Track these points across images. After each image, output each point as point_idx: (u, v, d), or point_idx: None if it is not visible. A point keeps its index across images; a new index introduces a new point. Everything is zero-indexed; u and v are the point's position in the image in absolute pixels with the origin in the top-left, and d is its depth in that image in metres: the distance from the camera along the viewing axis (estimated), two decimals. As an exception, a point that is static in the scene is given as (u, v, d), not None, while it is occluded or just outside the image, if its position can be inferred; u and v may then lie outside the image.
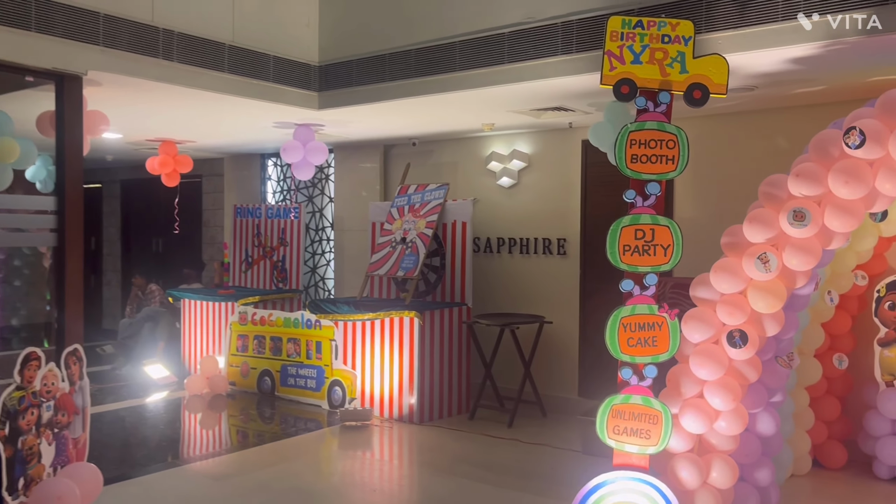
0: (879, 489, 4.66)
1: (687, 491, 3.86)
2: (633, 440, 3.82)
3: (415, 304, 6.50)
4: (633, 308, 3.84)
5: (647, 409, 3.79)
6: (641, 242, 3.83)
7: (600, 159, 6.44)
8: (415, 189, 7.10)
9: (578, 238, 6.54)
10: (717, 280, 3.80)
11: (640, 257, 3.83)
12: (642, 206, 3.85)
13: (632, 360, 3.83)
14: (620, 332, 3.83)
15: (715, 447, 3.95)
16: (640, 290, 3.84)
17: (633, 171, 3.85)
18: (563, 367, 6.60)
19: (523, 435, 5.88)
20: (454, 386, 6.53)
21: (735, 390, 3.82)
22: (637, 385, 3.83)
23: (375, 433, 5.99)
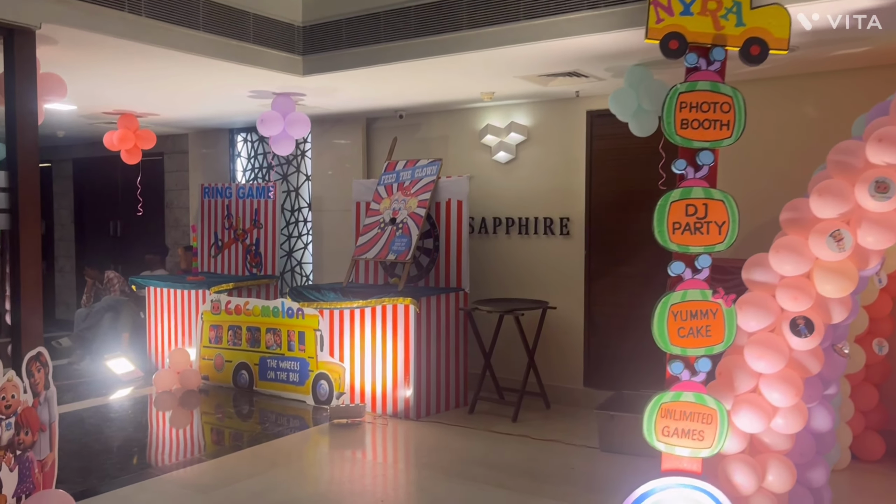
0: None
1: (741, 497, 3.45)
2: (684, 442, 3.39)
3: (408, 290, 5.99)
4: (684, 294, 3.39)
5: (700, 408, 3.37)
6: (693, 219, 3.38)
7: (607, 131, 6.01)
8: (404, 165, 6.56)
9: (583, 217, 6.09)
10: (778, 261, 3.38)
11: (692, 236, 3.38)
12: (694, 178, 3.39)
13: (683, 352, 3.39)
14: (670, 322, 3.38)
15: (769, 447, 3.55)
16: (691, 273, 3.39)
17: (683, 137, 3.39)
18: (568, 355, 6.17)
19: (530, 430, 5.44)
20: (451, 378, 6.05)
21: (797, 384, 3.42)
22: (689, 381, 3.39)
23: (369, 431, 5.48)
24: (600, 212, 6.02)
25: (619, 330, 5.97)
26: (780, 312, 3.43)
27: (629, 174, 5.88)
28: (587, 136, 6.05)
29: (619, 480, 4.38)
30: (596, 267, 6.06)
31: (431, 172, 6.32)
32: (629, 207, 5.88)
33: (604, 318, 6.04)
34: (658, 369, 5.80)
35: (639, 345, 5.85)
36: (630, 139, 5.78)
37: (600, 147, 6.00)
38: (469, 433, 5.38)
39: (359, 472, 4.69)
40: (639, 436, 4.83)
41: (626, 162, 5.88)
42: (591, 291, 6.09)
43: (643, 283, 5.84)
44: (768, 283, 3.46)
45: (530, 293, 6.28)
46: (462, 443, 5.16)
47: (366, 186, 6.83)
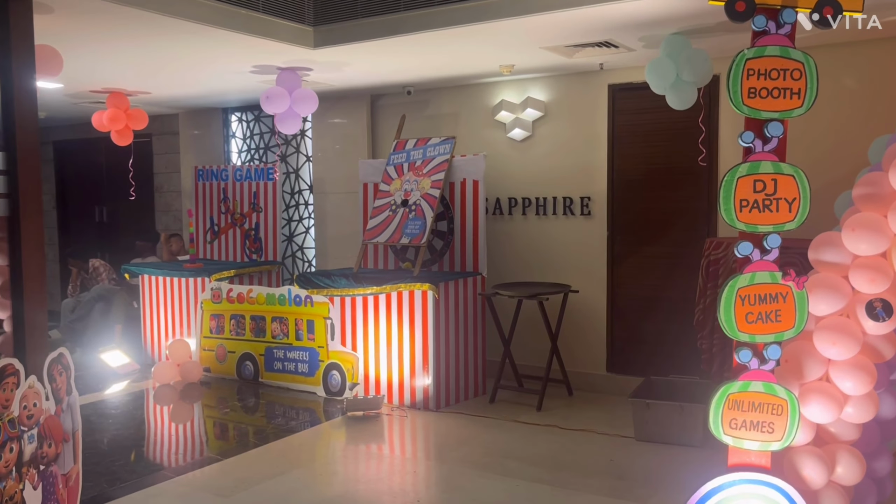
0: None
1: (810, 491, 3.25)
2: (753, 435, 3.17)
3: (424, 275, 5.71)
4: (752, 276, 3.15)
5: (770, 398, 3.14)
6: (762, 196, 3.13)
7: (630, 106, 5.75)
8: (414, 144, 6.25)
9: (605, 196, 5.84)
10: (853, 239, 3.15)
11: (760, 214, 3.13)
12: (762, 152, 3.14)
13: (751, 339, 3.16)
14: (737, 307, 3.14)
15: (836, 437, 3.35)
16: (759, 254, 3.15)
17: (750, 108, 3.13)
18: (590, 340, 5.95)
19: (556, 419, 5.22)
20: (470, 366, 5.80)
21: (870, 371, 3.20)
22: (758, 369, 3.16)
23: (388, 424, 5.22)
24: (623, 190, 5.78)
25: (643, 313, 5.75)
26: (853, 295, 3.21)
27: (654, 150, 5.63)
28: (609, 110, 5.78)
29: (665, 472, 4.18)
30: (619, 248, 5.83)
31: (445, 151, 6.02)
32: (654, 185, 5.64)
33: (628, 301, 5.82)
34: (685, 354, 5.62)
35: (665, 329, 5.64)
36: (655, 114, 5.56)
37: (623, 122, 5.74)
38: (494, 424, 5.14)
39: (386, 469, 4.43)
40: (675, 424, 4.66)
41: (651, 138, 5.63)
42: (614, 274, 5.85)
43: (669, 265, 5.62)
44: (840, 263, 3.23)
45: (550, 276, 6.04)
46: (489, 435, 4.92)
47: (373, 167, 6.52)
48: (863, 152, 3.94)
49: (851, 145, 4.73)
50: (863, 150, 3.96)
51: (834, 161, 4.86)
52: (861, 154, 3.96)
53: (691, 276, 5.49)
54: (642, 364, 5.72)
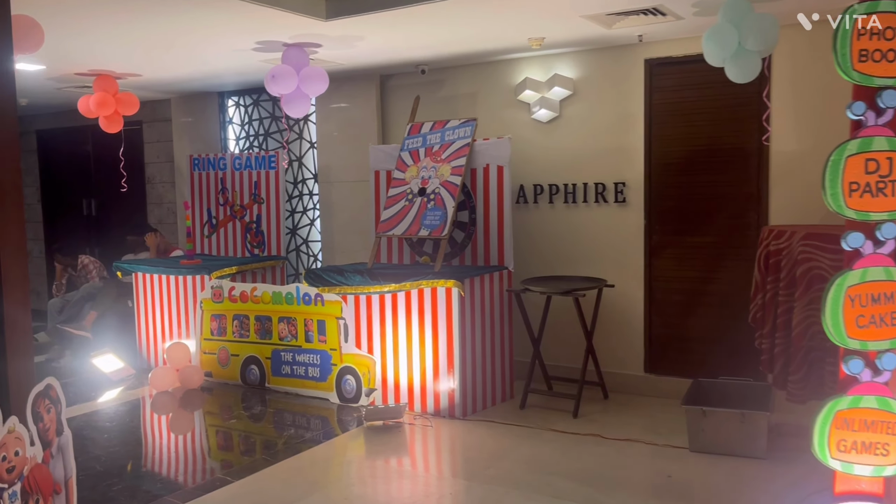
0: None
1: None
2: (865, 458, 2.72)
3: (446, 270, 5.23)
4: (864, 273, 2.69)
5: (885, 415, 2.69)
6: (874, 178, 2.67)
7: (669, 82, 5.26)
8: (431, 127, 5.75)
9: (642, 182, 5.36)
10: (984, 228, 2.69)
11: (874, 199, 2.67)
12: (875, 125, 2.67)
13: (862, 346, 2.70)
14: (846, 309, 2.68)
15: (949, 455, 2.91)
16: (872, 246, 2.69)
17: (861, 73, 2.66)
18: (626, 338, 5.49)
19: (597, 427, 4.76)
20: (497, 368, 5.33)
21: None
22: (871, 381, 2.71)
23: (411, 435, 4.75)
24: (662, 175, 5.30)
25: (685, 309, 5.29)
26: (978, 292, 2.75)
27: (695, 131, 5.15)
28: (646, 88, 5.29)
29: (733, 490, 3.74)
30: (658, 238, 5.35)
31: (465, 135, 5.52)
32: (696, 169, 5.17)
33: (667, 296, 5.36)
34: (733, 353, 5.17)
35: (709, 326, 5.20)
36: (697, 90, 5.10)
37: (661, 100, 5.26)
38: (529, 434, 4.68)
39: (421, 490, 3.95)
40: (736, 433, 4.21)
41: (692, 117, 5.15)
42: (651, 266, 5.38)
43: (713, 256, 5.16)
44: (962, 255, 2.77)
45: (581, 270, 5.57)
46: (526, 447, 4.45)
47: (385, 153, 6.01)
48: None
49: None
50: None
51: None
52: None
53: (738, 268, 5.06)
54: (684, 364, 5.28)
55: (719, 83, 4.99)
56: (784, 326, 4.24)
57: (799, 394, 4.18)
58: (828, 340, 4.06)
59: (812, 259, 4.10)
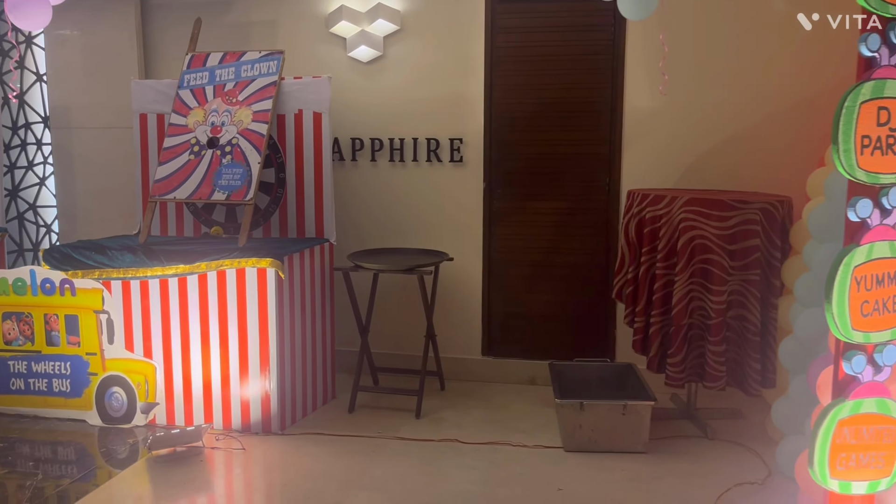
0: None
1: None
2: (862, 474, 2.24)
3: (253, 244, 4.07)
4: (871, 249, 2.18)
5: (883, 420, 2.23)
6: (885, 131, 2.15)
7: (515, 23, 4.53)
8: (220, 59, 4.45)
9: (482, 138, 4.61)
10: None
11: (884, 157, 2.15)
12: (889, 66, 2.15)
13: (865, 339, 2.20)
14: (852, 294, 2.16)
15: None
16: (879, 216, 2.19)
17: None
18: (463, 318, 4.77)
19: (447, 428, 4.00)
20: (318, 364, 4.31)
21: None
22: (872, 381, 2.23)
23: (217, 466, 3.59)
24: (504, 131, 4.60)
25: (528, 283, 4.69)
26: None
27: (544, 81, 4.52)
28: (487, 28, 4.53)
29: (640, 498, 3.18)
30: (499, 204, 4.67)
31: (270, 70, 4.33)
32: (545, 125, 4.55)
33: (509, 269, 4.71)
34: (581, 330, 4.69)
35: (554, 301, 4.67)
36: (546, 34, 4.47)
37: (505, 43, 4.53)
38: (373, 448, 3.76)
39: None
40: (618, 428, 3.68)
41: (542, 64, 4.51)
42: (492, 235, 4.70)
43: (562, 224, 4.61)
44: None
45: (410, 241, 4.71)
46: (378, 469, 3.53)
47: (156, 90, 4.58)
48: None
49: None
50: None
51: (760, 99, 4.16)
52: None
53: (587, 236, 4.57)
54: (527, 345, 4.71)
55: (570, 27, 4.46)
56: (662, 303, 3.81)
57: (678, 377, 3.79)
58: (710, 317, 3.69)
59: (696, 227, 3.69)
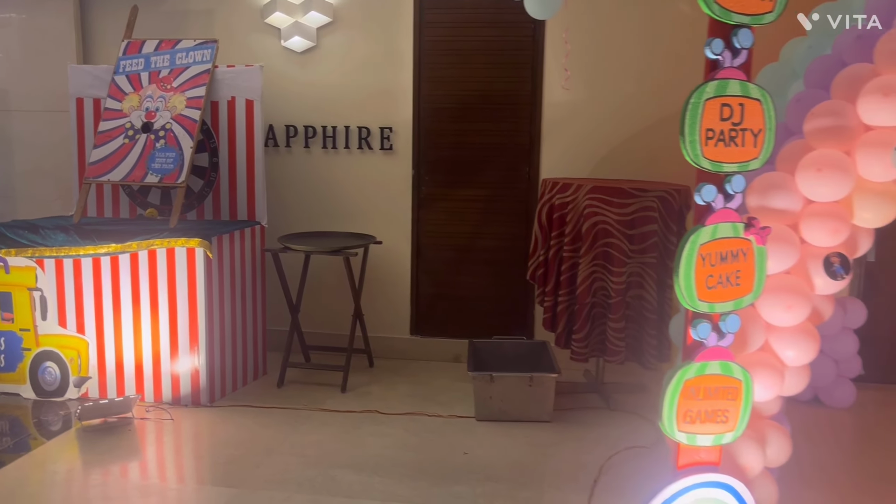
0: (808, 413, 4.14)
1: (747, 481, 2.74)
2: (707, 428, 2.53)
3: (184, 225, 4.25)
4: (715, 229, 2.46)
5: (726, 381, 2.52)
6: (728, 125, 2.42)
7: (443, 18, 4.76)
8: (156, 46, 4.59)
9: (411, 127, 4.84)
10: (816, 182, 2.61)
11: (726, 149, 2.43)
12: (731, 67, 2.42)
13: (710, 308, 2.48)
14: (698, 268, 2.43)
15: (759, 413, 2.89)
16: (723, 200, 2.47)
17: (721, 7, 2.38)
18: (392, 299, 5.00)
19: (370, 401, 4.24)
20: (248, 341, 4.51)
21: (815, 337, 2.76)
22: (716, 346, 2.51)
23: (147, 434, 3.77)
24: (432, 121, 4.84)
25: (454, 265, 4.94)
26: (802, 247, 2.70)
27: (469, 74, 4.76)
28: (415, 22, 4.75)
29: (537, 464, 3.47)
30: (427, 190, 4.90)
31: (204, 59, 4.50)
32: (468, 116, 4.79)
33: (436, 252, 4.96)
34: (503, 311, 4.96)
35: (478, 283, 4.93)
36: (471, 29, 4.72)
37: (433, 37, 4.76)
38: (297, 418, 3.98)
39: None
40: (524, 398, 3.96)
41: (468, 58, 4.75)
42: (420, 220, 4.93)
43: (486, 210, 4.87)
44: (789, 210, 2.69)
45: (341, 225, 4.92)
46: (299, 435, 3.76)
47: (93, 76, 4.71)
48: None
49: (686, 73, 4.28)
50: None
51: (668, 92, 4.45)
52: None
53: (509, 222, 4.84)
54: (452, 325, 4.96)
55: (496, 23, 4.69)
56: (568, 283, 4.09)
57: (582, 352, 4.07)
58: (610, 297, 3.99)
59: (598, 213, 3.96)
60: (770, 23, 2.46)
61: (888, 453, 3.65)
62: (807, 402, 4.26)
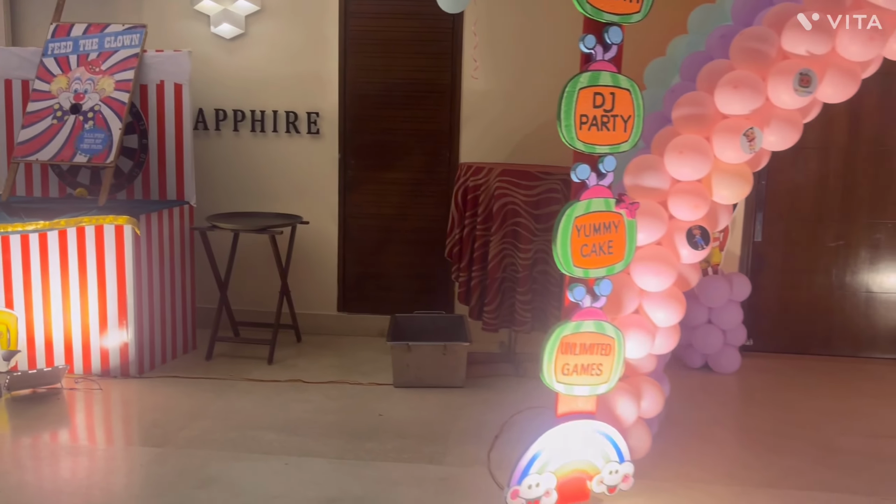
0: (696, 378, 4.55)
1: (623, 429, 3.09)
2: (583, 380, 2.87)
3: (112, 204, 4.40)
4: (589, 204, 2.78)
5: (600, 338, 2.86)
6: (600, 112, 2.75)
7: (367, 9, 5.00)
8: (84, 30, 4.71)
9: (337, 113, 5.07)
10: (679, 163, 2.96)
11: (599, 133, 2.76)
12: (603, 60, 2.74)
13: (585, 274, 2.81)
14: (573, 238, 2.76)
15: (637, 370, 3.25)
16: (596, 178, 2.79)
17: (593, 7, 2.69)
18: (320, 277, 5.23)
19: (295, 371, 4.48)
20: (178, 317, 4.69)
21: (682, 301, 3.12)
22: (590, 307, 2.84)
23: (75, 403, 3.94)
24: (357, 107, 5.07)
25: (379, 245, 5.21)
26: (670, 221, 3.05)
27: (393, 63, 5.01)
28: (340, 13, 4.97)
29: (446, 422, 3.79)
30: (353, 173, 5.14)
31: (132, 43, 4.64)
32: (392, 103, 5.05)
33: (362, 232, 5.21)
34: (427, 287, 5.24)
35: (403, 261, 5.21)
36: (395, 20, 4.98)
37: (358, 27, 4.99)
38: (223, 387, 4.20)
39: (102, 467, 3.25)
40: (439, 366, 4.26)
41: (391, 47, 4.99)
42: (346, 202, 5.17)
43: (408, 192, 5.14)
44: (659, 188, 3.03)
45: (271, 206, 5.12)
46: (223, 402, 3.98)
47: (21, 58, 4.80)
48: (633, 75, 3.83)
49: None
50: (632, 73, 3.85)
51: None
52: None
53: (432, 204, 5.12)
54: (378, 302, 5.22)
55: (415, 14, 4.94)
56: (480, 260, 4.39)
57: (493, 323, 4.38)
58: (519, 271, 4.31)
59: (507, 195, 4.27)
60: (638, 21, 2.79)
61: (762, 410, 4.07)
62: (698, 368, 4.68)
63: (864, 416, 3.97)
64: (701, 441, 3.61)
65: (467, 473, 3.20)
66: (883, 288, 4.89)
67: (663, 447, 3.42)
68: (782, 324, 4.99)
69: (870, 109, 4.73)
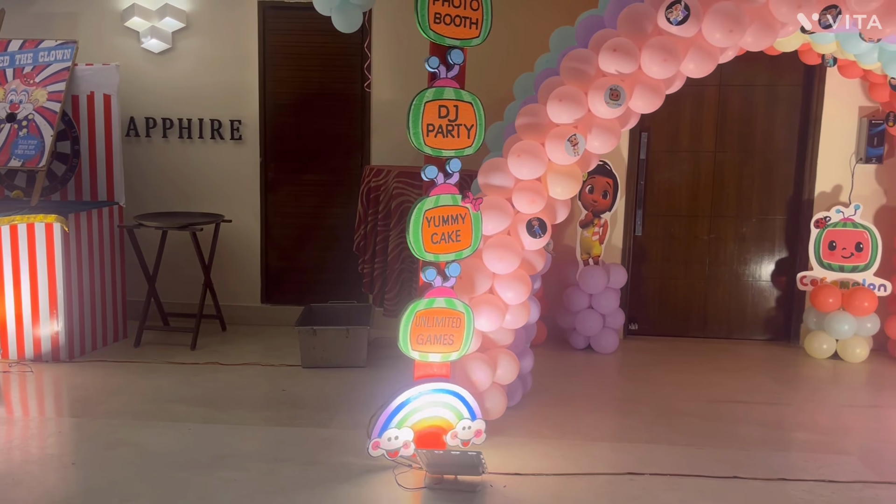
0: (578, 358, 5.08)
1: (478, 392, 3.60)
2: (436, 348, 3.37)
3: (45, 204, 4.82)
4: (437, 199, 3.29)
5: (450, 313, 3.37)
6: (445, 122, 3.26)
7: (284, 26, 5.49)
8: (20, 45, 5.13)
9: (258, 120, 5.54)
10: (518, 165, 3.48)
11: (444, 139, 3.27)
12: (446, 78, 3.25)
13: (435, 258, 3.32)
14: (424, 228, 3.26)
15: (496, 343, 3.76)
16: (443, 177, 3.30)
17: (436, 33, 3.20)
18: (243, 272, 5.69)
19: (214, 356, 4.93)
20: (108, 308, 5.11)
21: (527, 282, 3.64)
22: (441, 286, 3.35)
23: (9, 383, 4.35)
24: (276, 115, 5.55)
25: (298, 241, 5.68)
26: (515, 215, 3.57)
27: (307, 75, 5.50)
28: (259, 30, 5.44)
29: (339, 395, 4.26)
30: (273, 175, 5.62)
31: (64, 57, 5.07)
32: (309, 111, 5.53)
33: (283, 230, 5.68)
34: (343, 280, 5.73)
35: (322, 256, 5.68)
36: (309, 36, 5.43)
37: (276, 43, 5.47)
38: (146, 369, 4.64)
39: (20, 434, 3.68)
40: (342, 348, 4.74)
41: (305, 61, 5.48)
42: (268, 202, 5.64)
43: (324, 193, 5.62)
44: (505, 186, 3.55)
45: (199, 206, 5.57)
46: (144, 381, 4.42)
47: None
48: (507, 88, 4.35)
49: (500, 80, 5.04)
50: (507, 86, 4.37)
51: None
52: (507, 89, 4.37)
53: (345, 203, 5.60)
54: (298, 293, 5.69)
55: (328, 31, 5.36)
56: (382, 252, 4.88)
57: (393, 309, 4.87)
58: (416, 262, 4.81)
59: (403, 193, 4.77)
60: (478, 45, 3.31)
61: (626, 383, 4.62)
62: (581, 349, 5.21)
63: (711, 386, 4.53)
64: (560, 407, 4.13)
65: (347, 435, 3.68)
66: (751, 276, 5.48)
67: (524, 412, 3.95)
68: (663, 309, 5.55)
69: (734, 118, 5.32)
